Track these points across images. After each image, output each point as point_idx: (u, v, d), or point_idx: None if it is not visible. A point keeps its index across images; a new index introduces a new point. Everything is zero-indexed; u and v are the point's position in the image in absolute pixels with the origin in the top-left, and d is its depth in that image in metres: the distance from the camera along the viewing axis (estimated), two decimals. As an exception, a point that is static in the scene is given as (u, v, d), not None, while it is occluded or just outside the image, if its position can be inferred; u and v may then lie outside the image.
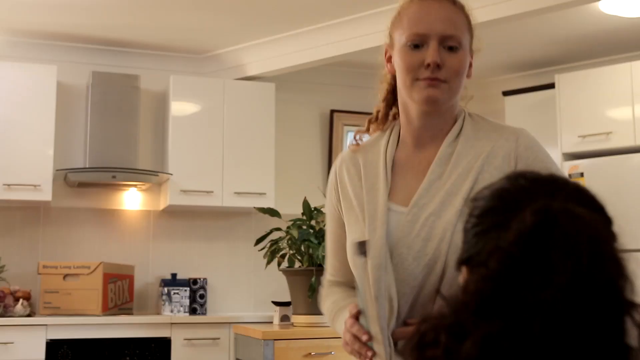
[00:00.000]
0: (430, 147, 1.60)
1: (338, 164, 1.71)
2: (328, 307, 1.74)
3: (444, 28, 1.55)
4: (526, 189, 0.95)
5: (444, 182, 1.53)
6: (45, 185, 4.59)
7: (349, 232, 1.61)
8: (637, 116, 4.64)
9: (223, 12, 4.51)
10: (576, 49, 5.15)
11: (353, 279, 1.61)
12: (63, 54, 5.03)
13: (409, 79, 1.56)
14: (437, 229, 1.49)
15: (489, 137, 1.59)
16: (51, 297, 4.52)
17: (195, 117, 4.98)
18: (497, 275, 0.88)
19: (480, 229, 0.96)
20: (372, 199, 1.57)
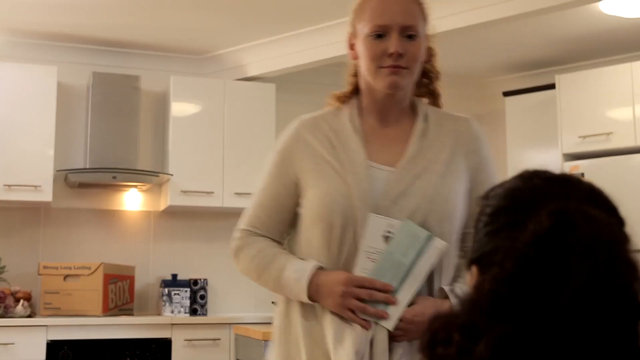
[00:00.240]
0: (394, 123, 1.80)
1: (299, 127, 1.81)
2: (262, 251, 1.78)
3: (404, 19, 1.73)
4: (540, 188, 0.95)
5: (425, 153, 1.74)
6: (45, 186, 4.59)
7: (322, 182, 1.71)
8: (638, 116, 4.64)
9: (223, 12, 4.51)
10: (576, 50, 5.15)
11: (277, 235, 1.80)
12: (63, 55, 5.03)
13: (373, 66, 1.73)
14: (421, 188, 1.69)
15: (450, 120, 1.83)
16: (52, 298, 4.52)
17: (196, 117, 4.98)
18: (512, 276, 0.87)
19: (492, 228, 0.95)
20: (350, 157, 1.72)
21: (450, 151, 1.76)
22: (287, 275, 1.70)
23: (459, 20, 4.29)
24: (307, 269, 1.68)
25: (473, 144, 1.80)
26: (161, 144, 5.16)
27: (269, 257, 1.76)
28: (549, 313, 0.84)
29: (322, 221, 1.69)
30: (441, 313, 0.95)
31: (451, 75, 5.87)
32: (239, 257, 1.82)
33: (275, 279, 1.73)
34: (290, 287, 1.70)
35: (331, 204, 1.68)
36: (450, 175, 1.73)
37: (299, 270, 1.69)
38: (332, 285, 1.64)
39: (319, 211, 1.70)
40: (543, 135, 5.16)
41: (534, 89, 5.35)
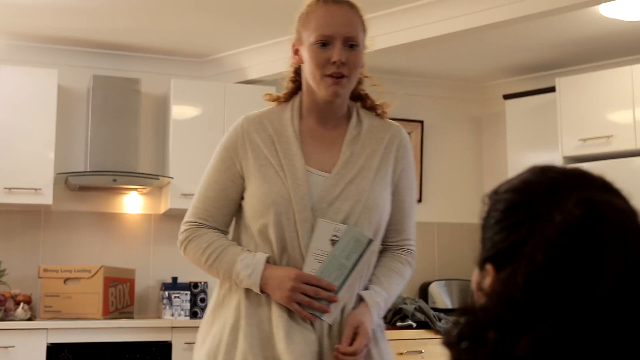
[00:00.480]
0: (333, 126, 1.97)
1: (244, 125, 1.95)
2: (212, 244, 1.91)
3: (347, 30, 1.89)
4: (558, 180, 0.93)
5: (356, 159, 1.91)
6: (46, 189, 4.59)
7: (264, 184, 1.87)
8: (638, 120, 4.64)
9: (223, 15, 4.51)
10: (577, 53, 5.15)
11: (224, 225, 1.96)
12: (64, 58, 5.04)
13: (318, 74, 1.88)
14: (354, 192, 1.87)
15: (381, 127, 1.99)
16: (52, 301, 4.52)
17: (196, 120, 4.98)
18: (545, 268, 0.85)
19: (508, 222, 0.93)
20: (290, 162, 1.88)
21: (380, 158, 1.93)
22: (238, 269, 1.86)
23: (460, 24, 4.29)
24: (258, 265, 1.84)
25: (401, 152, 1.98)
26: (161, 147, 5.16)
27: (219, 250, 1.91)
28: (586, 305, 0.83)
29: (262, 218, 1.86)
30: (467, 307, 0.92)
31: (452, 78, 5.93)
32: (187, 248, 1.98)
33: (226, 270, 1.88)
34: (241, 279, 1.85)
35: (271, 204, 1.84)
36: (379, 181, 1.92)
37: (250, 265, 1.84)
38: (281, 280, 1.82)
39: (260, 209, 1.86)
40: (543, 138, 5.16)
41: (534, 92, 5.35)
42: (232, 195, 1.94)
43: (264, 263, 1.85)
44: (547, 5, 3.99)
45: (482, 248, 0.97)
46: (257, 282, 1.84)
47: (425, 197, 5.83)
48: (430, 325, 3.91)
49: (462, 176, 5.96)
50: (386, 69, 5.60)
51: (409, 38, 4.50)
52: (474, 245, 6.06)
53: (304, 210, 1.83)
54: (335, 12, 1.90)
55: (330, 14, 1.90)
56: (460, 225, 5.89)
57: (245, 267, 1.85)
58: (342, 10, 1.92)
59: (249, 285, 1.86)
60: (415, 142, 5.81)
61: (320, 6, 1.92)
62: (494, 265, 0.93)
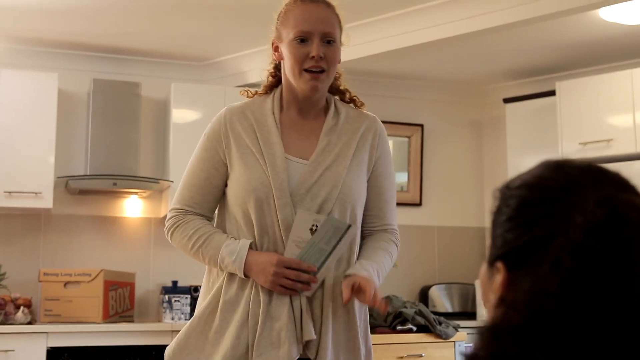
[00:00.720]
0: (312, 117, 2.07)
1: (226, 115, 2.05)
2: (198, 231, 2.01)
3: (324, 27, 1.98)
4: (575, 177, 0.89)
5: (333, 147, 2.01)
6: (46, 193, 4.59)
7: (245, 171, 1.97)
8: (638, 123, 4.64)
9: (224, 19, 4.52)
10: (577, 56, 5.15)
11: (209, 211, 2.06)
12: (64, 62, 5.04)
13: (297, 68, 1.98)
14: (330, 179, 1.97)
15: (358, 117, 2.09)
16: (52, 305, 4.52)
17: (196, 124, 4.98)
18: (575, 274, 0.82)
19: (521, 220, 0.89)
20: (270, 150, 1.98)
21: (356, 147, 2.03)
22: (223, 254, 1.95)
23: (460, 27, 4.30)
24: (242, 250, 1.93)
25: (376, 140, 2.08)
26: (162, 151, 5.16)
27: (205, 236, 2.00)
28: (620, 309, 0.81)
29: (244, 203, 1.96)
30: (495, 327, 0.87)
31: (452, 82, 5.94)
32: (174, 234, 2.06)
33: (211, 256, 1.98)
34: (226, 264, 1.95)
35: (252, 190, 1.95)
36: (355, 168, 2.02)
37: (234, 251, 1.94)
38: (264, 265, 1.91)
39: (242, 195, 1.97)
40: (543, 142, 5.16)
41: (534, 96, 5.36)
42: (216, 183, 2.04)
43: (247, 249, 1.94)
44: (547, 9, 3.99)
45: (493, 245, 0.94)
46: (241, 267, 1.93)
47: (426, 201, 5.83)
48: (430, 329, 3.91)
49: (462, 180, 5.96)
50: (387, 73, 5.60)
51: (410, 42, 4.50)
52: (474, 249, 6.08)
53: (283, 196, 1.93)
54: (312, 10, 2.00)
55: (308, 12, 2.00)
56: (460, 229, 5.89)
57: (229, 253, 1.94)
58: (319, 8, 2.01)
59: (234, 270, 1.95)
60: (416, 146, 5.82)
61: (298, 5, 2.03)
62: (505, 264, 0.90)
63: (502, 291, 0.89)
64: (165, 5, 4.30)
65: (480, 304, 5.36)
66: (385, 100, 5.75)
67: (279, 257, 1.92)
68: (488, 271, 0.94)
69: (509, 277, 0.89)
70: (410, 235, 5.72)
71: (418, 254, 5.72)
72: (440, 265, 5.81)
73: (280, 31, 2.05)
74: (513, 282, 0.88)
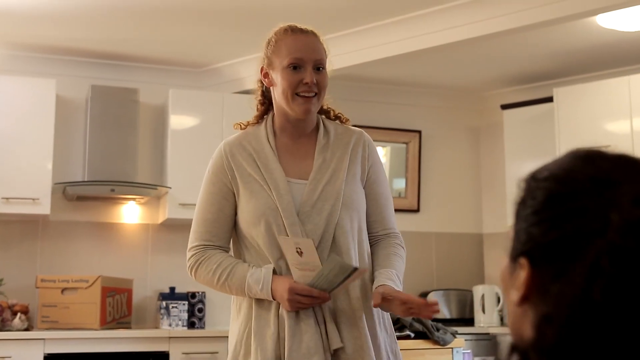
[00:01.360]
0: (305, 138, 2.19)
1: (225, 149, 2.18)
2: (221, 265, 2.10)
3: (315, 55, 2.15)
4: (606, 171, 0.84)
5: (329, 164, 2.14)
6: (43, 199, 4.59)
7: (252, 199, 2.09)
8: (635, 129, 4.65)
9: (222, 25, 4.52)
10: (574, 63, 5.16)
11: (227, 242, 2.17)
12: (62, 68, 5.04)
13: (290, 93, 2.10)
14: (331, 193, 2.10)
15: (346, 133, 2.22)
16: (49, 311, 4.51)
17: (194, 130, 4.98)
18: (617, 279, 0.77)
19: (548, 215, 0.83)
20: (271, 175, 2.10)
21: (349, 160, 2.16)
22: (249, 284, 2.05)
23: (458, 34, 4.31)
24: (267, 277, 2.03)
25: (366, 150, 2.20)
26: (160, 157, 5.16)
27: (229, 269, 2.09)
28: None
29: (255, 228, 2.08)
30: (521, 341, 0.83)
31: (449, 88, 5.95)
32: (198, 271, 2.14)
33: (238, 287, 2.07)
34: (254, 293, 2.05)
35: (261, 215, 2.06)
36: (351, 179, 2.14)
37: (260, 279, 2.04)
38: (282, 293, 2.01)
39: (252, 221, 2.08)
40: (541, 148, 5.17)
41: (532, 102, 5.37)
42: (229, 212, 2.15)
43: (272, 275, 2.04)
44: (544, 16, 4.00)
45: (516, 239, 0.88)
46: (269, 294, 2.03)
47: (424, 207, 5.83)
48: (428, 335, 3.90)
49: (460, 186, 5.97)
50: (385, 79, 5.61)
51: (407, 48, 4.51)
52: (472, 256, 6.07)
53: (290, 216, 2.06)
54: (304, 40, 2.16)
55: (300, 41, 2.15)
56: (458, 235, 5.89)
57: (255, 281, 2.04)
58: (309, 38, 2.17)
59: (262, 297, 2.05)
60: (414, 152, 5.82)
61: (289, 35, 2.18)
62: (529, 260, 0.85)
63: (526, 289, 0.85)
64: (163, 11, 4.30)
65: (478, 310, 5.35)
66: (383, 107, 5.76)
67: (290, 285, 2.01)
68: (510, 266, 0.89)
69: (533, 274, 0.84)
70: (408, 241, 5.67)
71: (416, 260, 5.71)
72: (438, 271, 5.81)
73: (272, 59, 2.17)
74: (540, 282, 0.83)
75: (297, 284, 2.00)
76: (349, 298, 2.07)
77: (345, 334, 2.04)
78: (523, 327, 0.87)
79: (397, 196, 5.80)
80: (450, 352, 3.94)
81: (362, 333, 2.05)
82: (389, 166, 5.84)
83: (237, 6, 4.23)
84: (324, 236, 2.07)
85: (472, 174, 6.02)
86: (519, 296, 0.86)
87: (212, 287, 2.15)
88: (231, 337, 2.15)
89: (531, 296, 0.85)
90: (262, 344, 2.02)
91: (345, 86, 5.55)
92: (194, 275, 2.16)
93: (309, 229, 2.06)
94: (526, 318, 0.86)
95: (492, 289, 5.34)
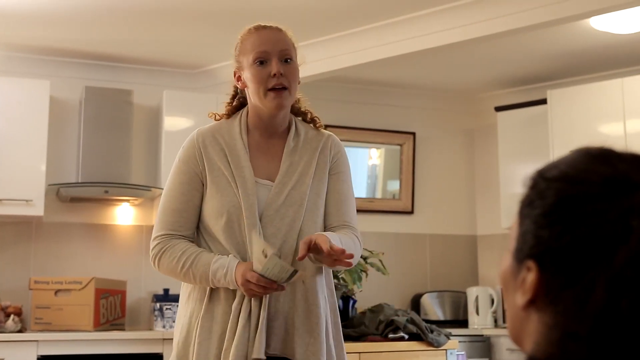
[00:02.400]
0: (277, 137, 2.20)
1: (199, 138, 2.19)
2: (185, 252, 2.10)
3: (280, 46, 2.15)
4: (621, 172, 0.80)
5: (295, 167, 2.15)
6: (37, 200, 4.58)
7: (217, 193, 2.11)
8: (629, 132, 4.67)
9: (216, 27, 4.52)
10: (568, 65, 5.18)
11: (193, 231, 2.16)
12: (56, 69, 5.03)
13: (262, 90, 2.11)
14: (296, 198, 2.11)
15: (316, 137, 2.23)
16: (42, 313, 4.50)
17: (189, 132, 4.90)
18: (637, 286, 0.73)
19: (559, 217, 0.79)
20: (241, 174, 2.11)
21: (317, 164, 2.18)
22: (214, 269, 2.05)
23: (452, 36, 4.31)
24: (232, 263, 2.04)
25: (333, 150, 2.22)
26: (154, 159, 5.15)
27: (193, 256, 2.09)
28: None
29: (217, 223, 2.09)
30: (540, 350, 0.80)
31: (444, 90, 5.95)
32: (161, 260, 2.13)
33: (202, 273, 2.06)
34: (218, 278, 2.04)
35: (225, 212, 2.08)
36: (317, 183, 2.16)
37: (224, 265, 2.04)
38: (238, 277, 2.02)
39: (215, 215, 2.10)
40: (535, 150, 5.18)
41: (525, 104, 5.38)
42: (197, 202, 2.16)
43: (237, 261, 2.05)
44: (538, 18, 4.01)
45: (521, 239, 0.84)
46: (232, 278, 2.03)
47: (417, 209, 5.84)
48: (422, 337, 3.91)
49: (454, 188, 5.97)
50: (379, 81, 5.62)
51: (401, 50, 4.52)
52: (466, 257, 6.06)
53: (251, 216, 2.07)
54: (267, 34, 2.19)
55: (264, 36, 2.18)
56: (452, 237, 5.90)
57: (220, 266, 2.05)
58: (272, 31, 2.20)
59: (225, 283, 2.05)
60: (408, 154, 5.83)
61: (253, 32, 2.21)
62: (538, 264, 0.81)
63: (533, 294, 0.82)
64: (157, 13, 4.30)
65: (472, 312, 5.36)
66: (378, 108, 5.76)
67: (243, 275, 2.00)
68: (514, 267, 0.85)
69: (542, 278, 0.81)
70: (402, 243, 5.72)
71: (410, 262, 5.72)
72: (432, 273, 5.81)
73: (240, 59, 2.21)
74: (549, 287, 0.81)
75: (250, 272, 1.99)
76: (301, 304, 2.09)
77: (298, 339, 2.06)
78: (525, 330, 0.85)
79: (392, 198, 5.80)
80: (444, 354, 3.95)
81: (318, 340, 2.06)
82: (382, 168, 5.85)
83: (231, 8, 4.23)
84: (286, 241, 2.09)
85: (466, 176, 6.03)
86: (525, 300, 0.83)
87: (174, 275, 2.14)
88: (178, 322, 2.17)
89: (538, 300, 0.82)
90: (207, 340, 2.05)
91: (339, 88, 5.55)
92: (157, 264, 2.15)
93: (270, 232, 2.08)
94: (529, 322, 0.84)
95: (486, 291, 5.35)
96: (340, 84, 5.47)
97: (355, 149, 5.66)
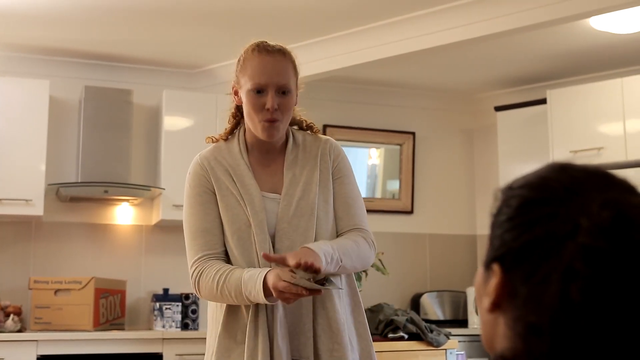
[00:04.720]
0: (276, 153, 2.20)
1: (203, 162, 2.21)
2: (219, 270, 2.07)
3: (279, 79, 2.09)
4: (579, 180, 0.85)
5: (299, 178, 2.15)
6: (37, 200, 4.58)
7: (228, 212, 2.11)
8: (628, 132, 4.67)
9: (215, 27, 4.52)
10: (568, 65, 5.18)
11: (224, 249, 2.13)
12: (56, 69, 5.03)
13: (255, 118, 2.10)
14: (306, 208, 2.11)
15: (314, 143, 2.21)
16: (42, 313, 4.50)
17: (188, 131, 4.98)
18: (592, 280, 0.79)
19: (521, 220, 0.85)
20: (247, 191, 2.12)
21: (320, 170, 2.17)
22: (245, 280, 2.01)
23: (451, 36, 4.31)
24: (262, 273, 2.00)
25: (333, 153, 2.21)
26: (153, 158, 5.15)
27: (227, 272, 2.06)
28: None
29: (232, 241, 2.10)
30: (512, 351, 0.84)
31: (443, 90, 5.95)
32: (200, 283, 2.10)
33: (236, 287, 2.02)
34: (250, 289, 2.00)
35: (235, 230, 2.09)
36: (323, 189, 2.16)
37: (254, 275, 2.00)
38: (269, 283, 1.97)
39: (228, 234, 2.11)
40: (534, 150, 5.18)
41: (525, 104, 5.38)
42: (220, 220, 2.15)
43: (266, 270, 2.00)
44: (538, 18, 4.01)
45: (490, 246, 0.89)
46: (261, 284, 1.98)
47: (417, 209, 5.84)
48: (421, 336, 3.91)
49: (453, 188, 5.98)
50: (378, 81, 5.62)
51: (401, 50, 4.52)
52: (465, 257, 6.07)
53: (262, 232, 2.07)
54: (268, 62, 2.11)
55: (264, 64, 2.11)
56: (452, 237, 5.90)
57: (250, 277, 2.01)
58: (274, 59, 2.12)
59: (256, 293, 1.99)
60: (407, 154, 5.83)
61: (255, 55, 2.14)
62: (501, 266, 0.86)
63: (497, 295, 0.86)
64: (157, 12, 4.30)
65: (471, 312, 5.36)
66: (377, 108, 5.76)
67: (273, 283, 1.95)
68: (484, 274, 0.90)
69: (505, 279, 0.85)
70: (402, 242, 5.72)
71: (410, 262, 5.72)
72: (431, 273, 5.81)
73: (239, 78, 2.18)
74: (511, 287, 0.85)
75: (282, 282, 1.94)
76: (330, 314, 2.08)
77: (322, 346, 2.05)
78: (495, 335, 0.87)
79: (391, 198, 5.80)
80: (444, 354, 3.95)
81: (341, 345, 2.05)
82: (382, 168, 5.85)
83: (231, 8, 4.23)
84: None
85: (465, 176, 6.03)
86: (489, 302, 0.87)
87: (214, 296, 2.09)
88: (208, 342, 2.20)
89: (503, 304, 0.86)
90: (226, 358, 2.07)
91: (339, 88, 5.55)
92: (198, 289, 2.12)
93: (286, 245, 2.06)
94: (498, 326, 0.87)
95: (485, 291, 5.35)
96: (339, 83, 5.47)
97: (355, 149, 5.66)
